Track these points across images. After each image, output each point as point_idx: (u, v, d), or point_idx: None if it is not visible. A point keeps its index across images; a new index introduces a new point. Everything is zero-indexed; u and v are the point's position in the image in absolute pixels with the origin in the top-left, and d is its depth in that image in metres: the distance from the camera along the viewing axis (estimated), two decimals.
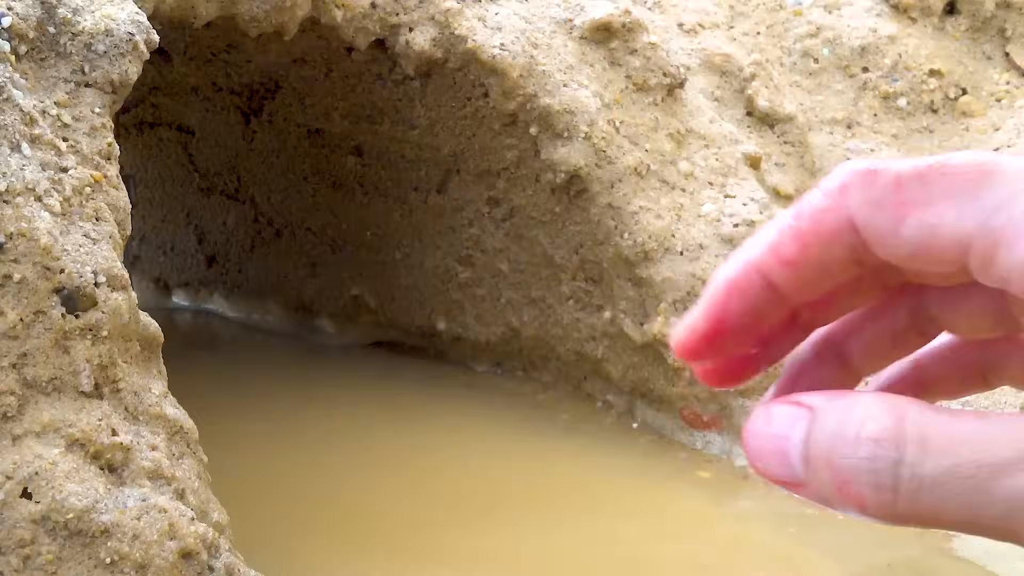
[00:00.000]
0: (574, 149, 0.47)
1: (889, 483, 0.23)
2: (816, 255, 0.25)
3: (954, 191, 0.23)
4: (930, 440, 0.22)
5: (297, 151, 0.59)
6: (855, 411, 0.23)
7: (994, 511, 0.22)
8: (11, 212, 0.28)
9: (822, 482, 0.24)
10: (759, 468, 0.24)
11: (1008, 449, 0.22)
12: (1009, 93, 0.62)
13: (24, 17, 0.31)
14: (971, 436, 0.22)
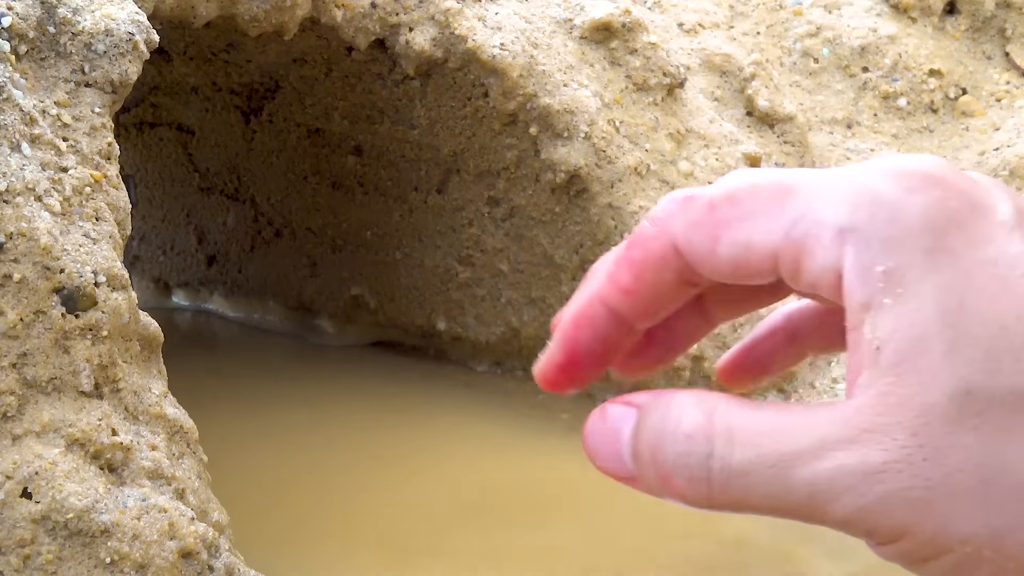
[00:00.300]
0: (574, 149, 0.47)
1: (703, 475, 0.25)
2: (650, 282, 0.27)
3: (760, 209, 0.25)
4: (736, 433, 0.25)
5: (297, 151, 0.59)
6: (673, 409, 0.26)
7: (796, 497, 0.24)
8: (11, 212, 0.28)
9: (649, 476, 0.26)
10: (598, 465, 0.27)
11: (805, 439, 0.24)
12: (1009, 93, 0.62)
13: (24, 17, 0.31)
14: (772, 428, 0.25)
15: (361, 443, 0.48)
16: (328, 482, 0.45)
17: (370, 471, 0.46)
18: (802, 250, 0.25)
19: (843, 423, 0.24)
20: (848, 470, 0.23)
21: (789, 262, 0.26)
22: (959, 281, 0.24)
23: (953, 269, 0.24)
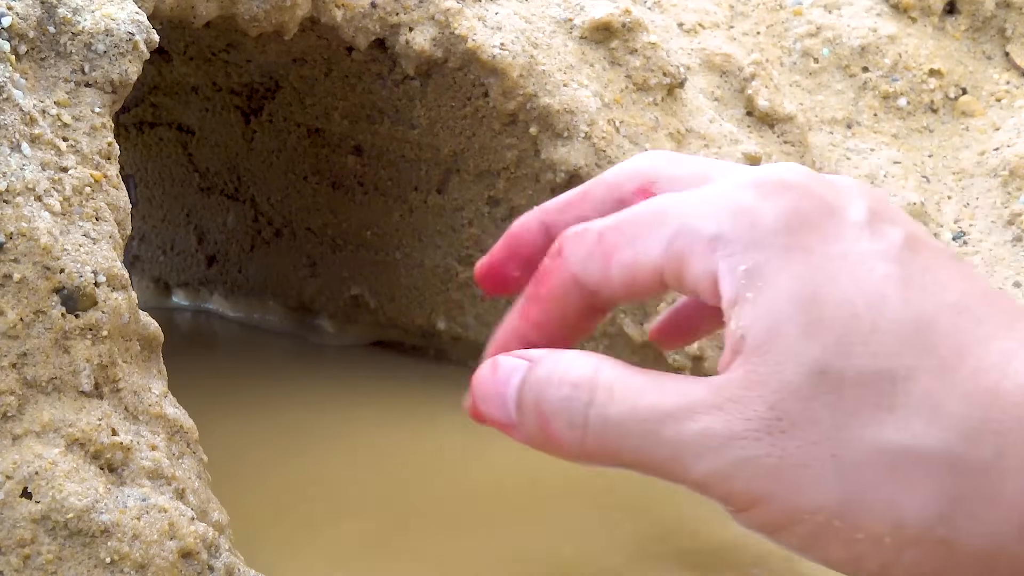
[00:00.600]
0: (574, 149, 0.47)
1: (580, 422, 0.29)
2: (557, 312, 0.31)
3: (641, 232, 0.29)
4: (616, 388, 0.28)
5: (297, 151, 0.59)
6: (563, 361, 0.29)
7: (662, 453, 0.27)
8: (11, 212, 0.28)
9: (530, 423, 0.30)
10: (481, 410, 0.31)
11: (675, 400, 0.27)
12: (1009, 93, 0.62)
13: (24, 17, 0.31)
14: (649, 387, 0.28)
15: (361, 442, 0.48)
16: (328, 482, 0.45)
17: (370, 470, 0.46)
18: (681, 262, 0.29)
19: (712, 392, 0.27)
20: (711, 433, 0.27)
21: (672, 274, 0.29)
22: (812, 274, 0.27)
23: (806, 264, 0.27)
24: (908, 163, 0.60)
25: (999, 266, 0.55)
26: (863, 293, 0.26)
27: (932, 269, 0.27)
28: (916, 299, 0.26)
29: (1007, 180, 0.58)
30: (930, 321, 0.26)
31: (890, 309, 0.26)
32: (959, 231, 0.57)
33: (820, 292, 0.27)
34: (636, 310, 0.48)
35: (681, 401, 0.27)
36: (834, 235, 0.27)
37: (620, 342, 0.49)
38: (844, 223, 0.28)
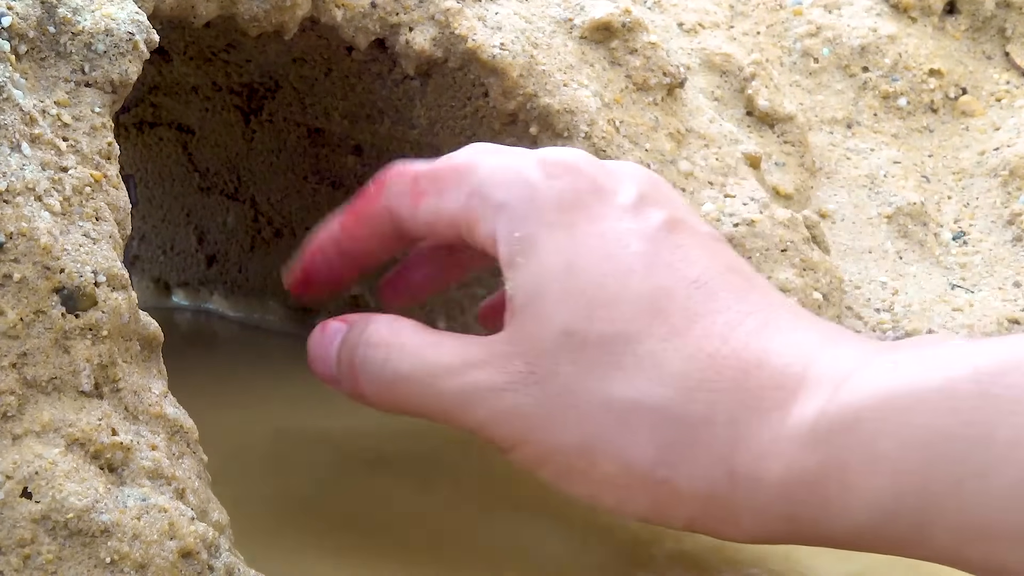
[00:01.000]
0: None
1: (378, 377, 0.34)
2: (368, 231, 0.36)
3: (449, 184, 0.34)
4: (407, 346, 0.33)
5: (297, 151, 0.59)
6: (370, 325, 0.34)
7: (442, 402, 0.31)
8: (11, 212, 0.28)
9: (346, 379, 0.35)
10: (313, 368, 0.36)
11: (453, 356, 0.32)
12: (1009, 93, 0.62)
13: (24, 17, 0.31)
14: (433, 345, 0.33)
15: (360, 442, 0.48)
16: (329, 482, 0.45)
17: (370, 470, 0.46)
18: (474, 219, 0.33)
19: (483, 348, 0.32)
20: (479, 385, 0.31)
21: (465, 227, 0.33)
22: (573, 247, 0.31)
23: (570, 238, 0.31)
24: (908, 163, 0.60)
25: (999, 266, 0.55)
26: (613, 267, 0.30)
27: (683, 247, 0.30)
28: (660, 274, 0.30)
29: (1007, 180, 0.58)
30: (668, 293, 0.29)
31: (634, 281, 0.30)
32: (959, 231, 0.57)
33: (577, 263, 0.30)
34: None
35: (457, 357, 0.32)
36: (599, 214, 0.31)
37: None
38: (611, 204, 0.31)
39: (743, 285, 0.30)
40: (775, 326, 0.29)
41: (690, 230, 0.31)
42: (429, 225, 0.34)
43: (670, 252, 0.30)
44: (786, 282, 0.48)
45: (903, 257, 0.55)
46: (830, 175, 0.58)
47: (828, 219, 0.56)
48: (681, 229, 0.31)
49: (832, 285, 0.50)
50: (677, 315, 0.29)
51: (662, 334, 0.29)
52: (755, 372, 0.28)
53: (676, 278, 0.30)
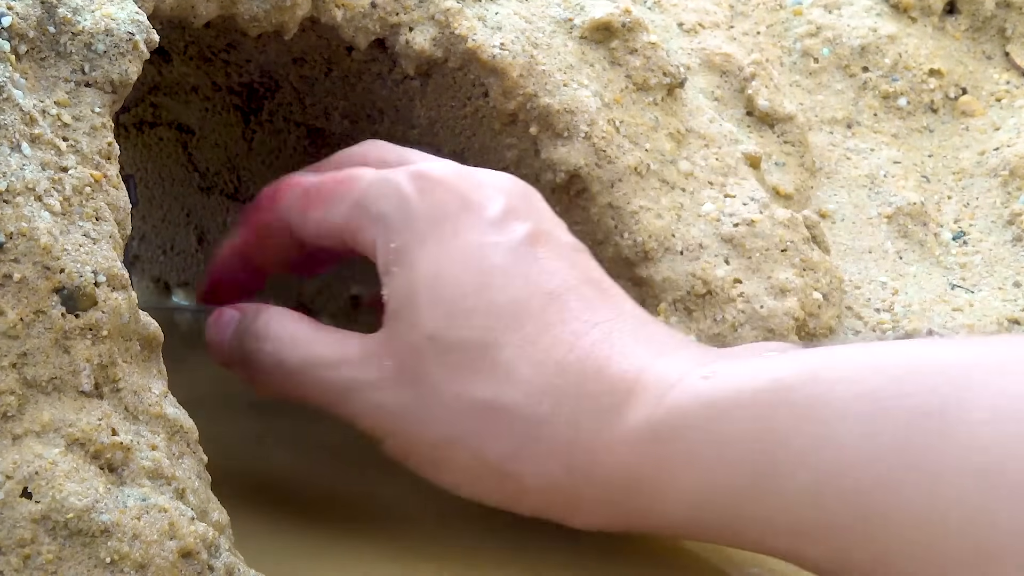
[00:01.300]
0: (574, 149, 0.47)
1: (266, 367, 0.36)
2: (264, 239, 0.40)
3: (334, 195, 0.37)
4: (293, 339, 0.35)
5: (297, 151, 0.59)
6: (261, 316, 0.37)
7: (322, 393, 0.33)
8: (11, 212, 0.28)
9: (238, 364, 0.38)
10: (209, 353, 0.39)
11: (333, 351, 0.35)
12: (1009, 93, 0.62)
13: (24, 17, 0.31)
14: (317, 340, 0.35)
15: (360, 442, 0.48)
16: (329, 483, 0.45)
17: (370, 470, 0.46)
18: (356, 229, 0.36)
19: (361, 347, 0.35)
20: (354, 380, 0.34)
21: (350, 237, 0.37)
22: (440, 258, 0.33)
23: (438, 250, 0.33)
24: (908, 163, 0.60)
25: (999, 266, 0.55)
26: (475, 278, 0.33)
27: (542, 260, 0.33)
28: (518, 285, 0.32)
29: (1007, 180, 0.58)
30: (524, 304, 0.32)
31: (494, 292, 0.32)
32: (959, 231, 0.57)
33: (443, 274, 0.33)
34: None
35: (337, 353, 0.34)
36: (466, 227, 0.34)
37: None
38: (478, 218, 0.34)
39: (595, 296, 0.33)
40: (618, 336, 0.32)
41: (552, 243, 0.34)
42: (319, 234, 0.37)
43: (529, 264, 0.33)
44: (786, 282, 0.48)
45: (903, 257, 0.55)
46: (830, 175, 0.58)
47: (828, 219, 0.56)
48: (543, 242, 0.34)
49: (832, 285, 0.50)
50: (531, 324, 0.32)
51: (516, 342, 0.32)
52: (594, 378, 0.31)
53: (532, 289, 0.32)
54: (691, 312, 0.47)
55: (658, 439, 0.30)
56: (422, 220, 0.34)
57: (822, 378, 0.28)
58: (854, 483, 0.27)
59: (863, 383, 0.27)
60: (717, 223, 0.48)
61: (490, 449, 0.32)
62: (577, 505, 0.33)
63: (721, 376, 0.30)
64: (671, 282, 0.47)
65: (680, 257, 0.47)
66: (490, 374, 0.32)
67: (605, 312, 0.33)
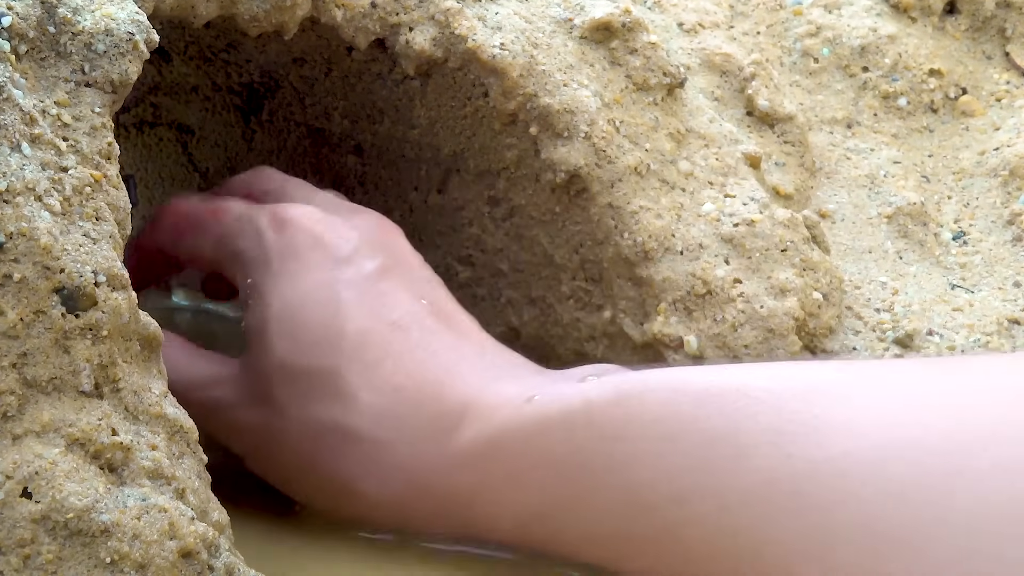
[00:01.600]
0: (574, 149, 0.47)
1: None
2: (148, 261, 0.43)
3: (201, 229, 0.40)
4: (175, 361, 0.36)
5: (297, 151, 0.59)
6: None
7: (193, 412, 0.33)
8: (11, 212, 0.28)
9: None
10: None
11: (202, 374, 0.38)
12: (1009, 93, 0.62)
13: (24, 17, 0.31)
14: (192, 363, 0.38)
15: None
16: None
17: None
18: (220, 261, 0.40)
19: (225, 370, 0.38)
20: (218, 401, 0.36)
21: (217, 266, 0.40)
22: (290, 294, 0.37)
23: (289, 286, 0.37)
24: (908, 163, 0.60)
25: (999, 266, 0.55)
26: (322, 311, 0.36)
27: (388, 294, 0.36)
28: (361, 317, 0.35)
29: (1007, 180, 0.58)
30: (366, 334, 0.35)
31: (339, 324, 0.35)
32: (959, 231, 0.57)
33: (291, 308, 0.36)
34: (636, 310, 0.48)
35: (205, 375, 0.37)
36: (315, 264, 0.37)
37: (620, 342, 0.49)
38: (327, 256, 0.37)
39: (439, 326, 0.36)
40: (456, 363, 0.35)
41: (400, 277, 0.37)
42: (190, 260, 0.42)
43: (374, 298, 0.36)
44: (786, 282, 0.48)
45: (903, 257, 0.55)
46: (830, 175, 0.58)
47: (828, 219, 0.56)
48: (391, 276, 0.37)
49: (832, 285, 0.50)
50: (373, 353, 0.35)
51: (358, 369, 0.35)
52: (431, 403, 0.34)
53: (376, 321, 0.35)
54: (691, 312, 0.47)
55: (484, 458, 0.33)
56: (275, 258, 0.37)
57: (628, 401, 0.31)
58: (653, 500, 0.29)
59: (665, 406, 0.30)
60: (717, 223, 0.48)
61: (339, 469, 0.35)
62: (423, 519, 0.35)
63: (540, 400, 0.33)
64: (671, 282, 0.47)
65: (680, 257, 0.47)
66: (335, 399, 0.35)
67: (447, 340, 0.36)
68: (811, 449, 0.27)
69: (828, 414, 0.27)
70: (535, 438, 0.32)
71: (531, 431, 0.32)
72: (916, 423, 0.26)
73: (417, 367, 0.35)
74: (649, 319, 0.47)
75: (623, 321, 0.48)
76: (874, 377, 0.29)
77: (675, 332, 0.47)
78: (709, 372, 0.31)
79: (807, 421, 0.27)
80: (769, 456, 0.27)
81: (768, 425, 0.27)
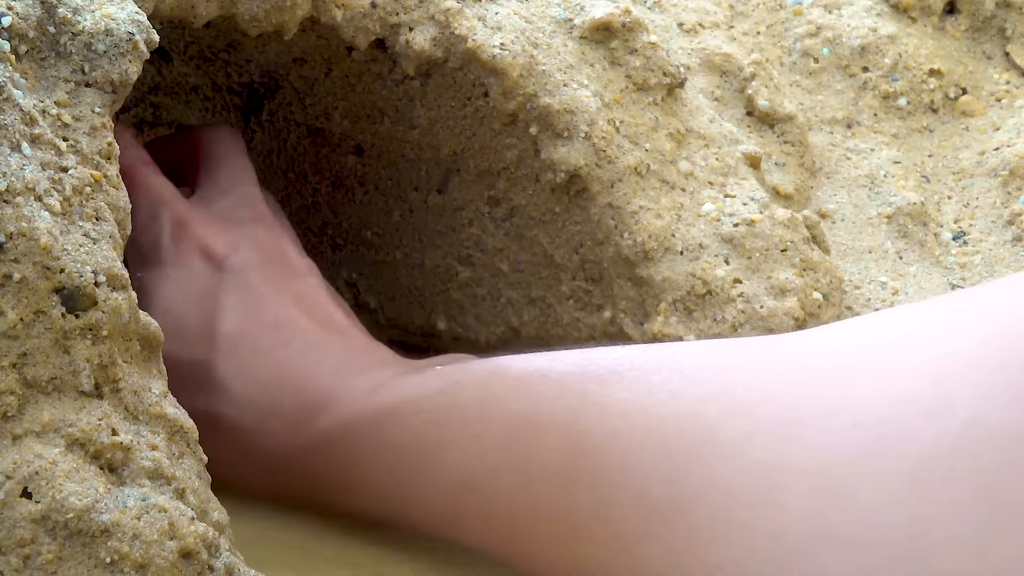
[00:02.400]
0: (574, 149, 0.47)
1: None
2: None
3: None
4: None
5: (297, 151, 0.59)
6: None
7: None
8: (11, 212, 0.28)
9: None
10: None
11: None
12: (1009, 93, 0.62)
13: (24, 17, 0.31)
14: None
15: None
16: None
17: None
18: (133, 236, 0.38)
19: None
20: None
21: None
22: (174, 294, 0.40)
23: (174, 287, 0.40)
24: (908, 163, 0.60)
25: (999, 266, 0.55)
26: (201, 312, 0.39)
27: (265, 296, 0.40)
28: (238, 317, 0.39)
29: (1007, 180, 0.58)
30: (241, 332, 0.38)
31: (215, 322, 0.39)
32: (959, 231, 0.57)
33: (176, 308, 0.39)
34: (636, 310, 0.48)
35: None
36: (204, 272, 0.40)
37: (620, 342, 0.49)
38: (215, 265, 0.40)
39: (311, 324, 0.39)
40: (319, 359, 0.38)
41: (279, 280, 0.41)
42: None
43: (252, 300, 0.39)
44: (786, 282, 0.48)
45: (903, 257, 0.55)
46: (830, 175, 0.58)
47: (828, 219, 0.56)
48: (271, 281, 0.40)
49: (832, 285, 0.50)
50: (245, 349, 0.38)
51: (230, 363, 0.38)
52: (292, 394, 0.37)
53: (251, 321, 0.39)
54: (691, 312, 0.47)
55: (334, 444, 0.36)
56: (168, 264, 0.40)
57: (451, 388, 0.34)
58: (471, 478, 0.32)
59: (482, 391, 0.33)
60: (717, 223, 0.48)
61: (216, 457, 0.36)
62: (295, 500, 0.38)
63: (384, 390, 0.36)
64: (671, 282, 0.47)
65: (680, 257, 0.47)
66: (210, 391, 0.38)
67: (314, 338, 0.39)
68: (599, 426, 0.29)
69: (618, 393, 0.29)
70: (377, 424, 0.35)
71: (374, 418, 0.35)
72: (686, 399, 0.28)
73: (283, 362, 0.38)
74: (649, 319, 0.47)
75: (623, 321, 0.48)
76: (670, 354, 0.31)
77: (675, 332, 0.47)
78: (526, 359, 0.34)
79: (598, 401, 0.29)
80: (565, 435, 0.30)
81: (566, 406, 0.30)
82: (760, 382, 0.27)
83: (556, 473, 0.30)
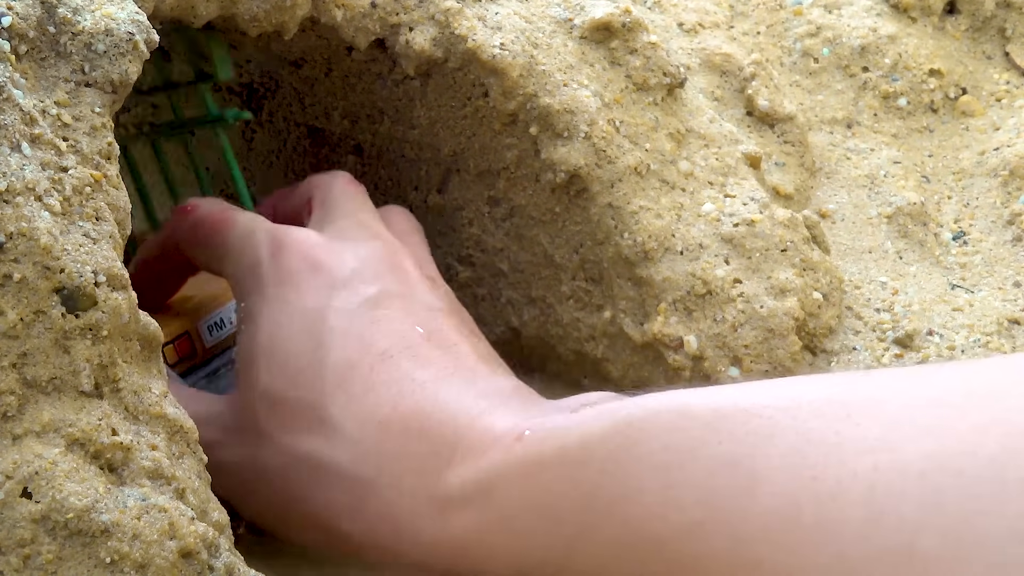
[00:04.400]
0: (574, 149, 0.47)
1: None
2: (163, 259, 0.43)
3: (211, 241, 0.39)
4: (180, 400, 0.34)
5: (297, 151, 0.59)
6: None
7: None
8: (11, 212, 0.28)
9: None
10: None
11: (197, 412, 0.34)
12: (1009, 93, 0.62)
13: (24, 17, 0.31)
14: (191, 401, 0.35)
15: None
16: None
17: None
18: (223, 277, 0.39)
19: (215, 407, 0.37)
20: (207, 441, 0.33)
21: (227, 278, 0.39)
22: (280, 321, 0.35)
23: (280, 312, 0.35)
24: (908, 163, 0.60)
25: (999, 266, 0.55)
26: (309, 341, 0.34)
27: (380, 322, 0.34)
28: (349, 348, 0.34)
29: (1007, 180, 0.58)
30: (353, 365, 0.33)
31: (324, 353, 0.34)
32: (959, 231, 0.57)
33: (280, 336, 0.35)
34: (636, 310, 0.48)
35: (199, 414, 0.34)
36: (309, 291, 0.35)
37: (620, 342, 0.49)
38: (322, 282, 0.35)
39: (431, 354, 0.34)
40: (445, 393, 0.33)
41: (398, 304, 0.35)
42: (202, 265, 0.40)
43: (365, 326, 0.34)
44: (786, 282, 0.48)
45: (903, 257, 0.55)
46: (830, 175, 0.58)
47: (828, 219, 0.56)
48: (387, 304, 0.35)
49: (832, 285, 0.50)
50: (358, 385, 0.33)
51: (342, 402, 0.33)
52: (416, 439, 0.32)
53: (363, 351, 0.34)
54: (691, 312, 0.47)
55: (475, 503, 0.31)
56: (270, 284, 0.35)
57: (628, 430, 0.28)
58: (662, 535, 0.27)
59: (670, 432, 0.27)
60: (717, 223, 0.48)
61: (322, 508, 0.33)
62: (407, 566, 0.33)
63: (532, 436, 0.30)
64: (671, 282, 0.47)
65: (680, 257, 0.47)
66: (318, 432, 0.33)
67: (436, 370, 0.34)
68: (835, 468, 0.24)
69: (851, 429, 0.24)
70: (529, 478, 0.30)
71: (524, 471, 0.30)
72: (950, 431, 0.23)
73: (403, 399, 0.33)
74: (649, 319, 0.47)
75: (623, 321, 0.48)
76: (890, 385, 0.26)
77: (675, 332, 0.47)
78: (713, 393, 0.29)
79: (827, 439, 0.24)
80: (789, 481, 0.25)
81: (786, 446, 0.25)
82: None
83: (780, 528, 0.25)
